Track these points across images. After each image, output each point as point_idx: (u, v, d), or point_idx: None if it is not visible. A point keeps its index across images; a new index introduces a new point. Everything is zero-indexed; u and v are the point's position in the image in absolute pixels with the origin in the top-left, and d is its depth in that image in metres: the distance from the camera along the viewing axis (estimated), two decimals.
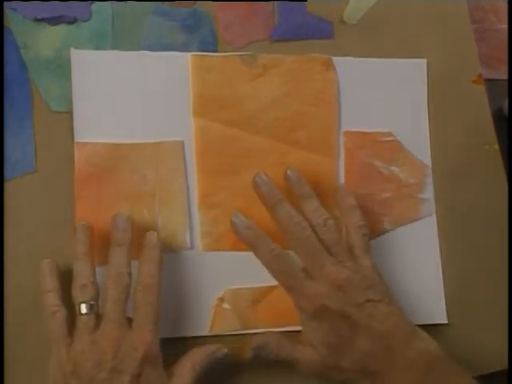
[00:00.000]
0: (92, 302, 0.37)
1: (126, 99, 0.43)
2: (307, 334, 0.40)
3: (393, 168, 0.47)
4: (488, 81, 0.50)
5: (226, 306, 0.42)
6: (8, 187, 0.41)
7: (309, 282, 0.40)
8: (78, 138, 0.42)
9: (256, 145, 0.45)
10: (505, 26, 0.52)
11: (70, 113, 0.42)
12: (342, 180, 0.45)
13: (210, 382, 0.39)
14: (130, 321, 0.38)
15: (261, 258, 0.41)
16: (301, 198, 0.42)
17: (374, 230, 0.45)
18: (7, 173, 0.41)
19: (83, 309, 0.37)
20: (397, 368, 0.38)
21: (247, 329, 0.42)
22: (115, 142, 0.43)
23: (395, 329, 0.39)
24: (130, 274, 0.38)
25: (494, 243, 0.47)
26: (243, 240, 0.41)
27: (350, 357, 0.39)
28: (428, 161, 0.47)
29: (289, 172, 0.42)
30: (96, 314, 0.37)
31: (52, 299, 0.37)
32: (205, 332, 0.42)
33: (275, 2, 0.47)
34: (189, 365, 0.38)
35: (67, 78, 0.42)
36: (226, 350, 0.40)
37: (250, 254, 0.43)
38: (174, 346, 0.40)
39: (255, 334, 0.42)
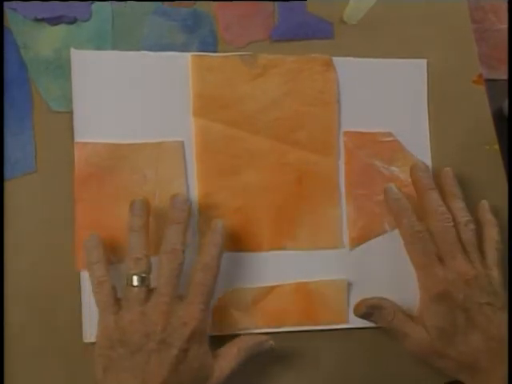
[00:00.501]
0: (144, 275, 0.38)
1: (126, 99, 0.43)
2: (423, 314, 0.42)
3: (393, 168, 0.47)
4: (488, 81, 0.50)
5: (226, 306, 0.42)
6: (8, 187, 0.41)
7: (440, 266, 0.41)
8: (78, 138, 0.42)
9: (256, 145, 0.45)
10: (505, 26, 0.52)
11: (70, 113, 0.42)
12: (342, 180, 0.45)
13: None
14: (180, 298, 0.38)
15: (402, 231, 0.43)
16: (451, 195, 0.44)
17: (373, 231, 0.45)
18: (7, 173, 0.41)
19: (135, 281, 0.37)
20: (504, 374, 0.39)
21: (247, 329, 0.42)
22: (115, 142, 0.43)
23: (508, 337, 0.40)
24: (184, 252, 0.39)
25: None
26: (390, 209, 0.44)
27: (458, 348, 0.40)
28: (428, 161, 0.47)
29: (447, 170, 0.45)
30: (147, 287, 0.38)
31: (98, 270, 0.38)
32: None
33: (275, 2, 0.47)
34: (235, 349, 0.39)
35: (67, 78, 0.43)
36: (271, 343, 0.40)
37: (249, 254, 0.43)
38: None
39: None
